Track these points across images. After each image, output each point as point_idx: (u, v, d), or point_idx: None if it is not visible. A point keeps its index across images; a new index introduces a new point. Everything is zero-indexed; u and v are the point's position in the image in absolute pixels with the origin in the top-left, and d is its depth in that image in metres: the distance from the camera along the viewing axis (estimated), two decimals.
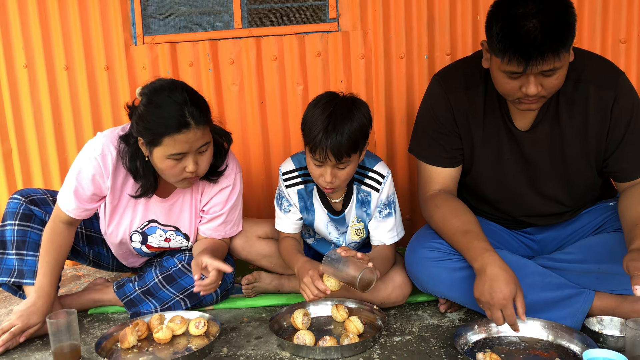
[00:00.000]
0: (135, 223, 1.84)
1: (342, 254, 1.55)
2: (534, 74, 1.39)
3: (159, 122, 1.52)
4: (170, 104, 1.52)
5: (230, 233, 1.91)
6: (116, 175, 1.71)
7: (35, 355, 1.60)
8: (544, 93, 1.43)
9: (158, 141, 1.54)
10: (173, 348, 1.59)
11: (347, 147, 1.59)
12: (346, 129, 1.59)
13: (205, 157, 1.63)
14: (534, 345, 1.48)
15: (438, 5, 2.32)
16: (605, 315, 1.53)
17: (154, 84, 1.58)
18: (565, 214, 1.74)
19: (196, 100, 1.56)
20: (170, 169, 1.59)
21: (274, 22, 2.43)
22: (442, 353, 1.48)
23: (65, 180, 1.76)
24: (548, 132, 1.59)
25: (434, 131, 1.69)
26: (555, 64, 1.35)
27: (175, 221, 1.85)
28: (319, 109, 1.63)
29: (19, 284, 1.77)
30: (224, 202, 1.84)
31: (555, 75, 1.40)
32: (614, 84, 1.53)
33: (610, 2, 2.26)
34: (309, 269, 1.63)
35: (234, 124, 2.45)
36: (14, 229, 1.79)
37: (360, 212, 1.84)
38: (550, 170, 1.64)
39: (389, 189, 1.79)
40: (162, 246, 1.91)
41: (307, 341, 1.51)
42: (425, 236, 1.72)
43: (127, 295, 1.83)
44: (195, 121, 1.53)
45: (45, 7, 2.39)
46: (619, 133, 1.55)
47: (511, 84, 1.44)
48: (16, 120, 2.46)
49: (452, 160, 1.70)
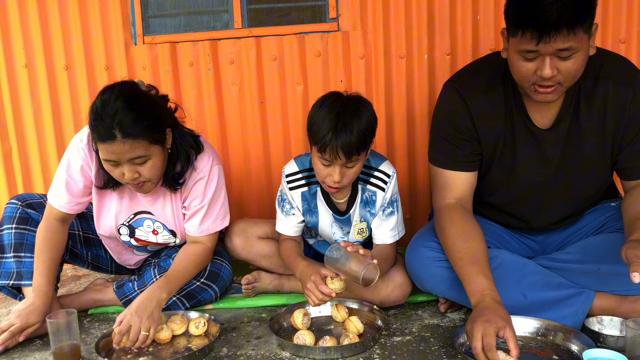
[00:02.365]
0: (122, 216, 1.84)
1: (348, 248, 1.54)
2: (549, 55, 1.34)
3: (92, 127, 1.53)
4: (102, 111, 1.50)
5: (213, 228, 1.85)
6: (97, 169, 1.72)
7: (35, 355, 1.60)
8: (560, 78, 1.38)
9: (95, 143, 1.56)
10: (173, 348, 1.59)
11: (357, 144, 1.59)
12: (355, 126, 1.58)
13: (147, 168, 1.59)
14: (529, 343, 1.48)
15: (438, 5, 2.31)
16: (605, 315, 1.53)
17: (109, 86, 1.57)
18: (569, 218, 1.74)
19: (133, 112, 1.50)
20: (110, 172, 1.61)
21: (274, 22, 2.43)
22: (442, 353, 1.48)
23: (55, 176, 1.76)
24: (567, 130, 1.57)
25: (453, 137, 1.65)
26: (570, 42, 1.30)
27: (159, 217, 1.85)
28: (326, 108, 1.62)
29: (17, 285, 1.77)
30: (201, 195, 1.80)
31: (572, 60, 1.35)
32: (632, 81, 1.51)
33: (610, 2, 2.26)
34: (311, 274, 1.62)
35: (234, 124, 2.46)
36: (11, 233, 1.80)
37: (364, 212, 1.84)
38: (567, 168, 1.62)
39: (393, 188, 1.79)
40: (150, 240, 1.90)
41: (307, 341, 1.51)
42: (425, 236, 1.72)
43: (127, 295, 1.83)
44: (122, 134, 1.49)
45: (45, 7, 2.39)
46: (633, 131, 1.54)
47: (526, 66, 1.40)
48: (16, 120, 2.46)
49: (470, 164, 1.66)
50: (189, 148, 1.75)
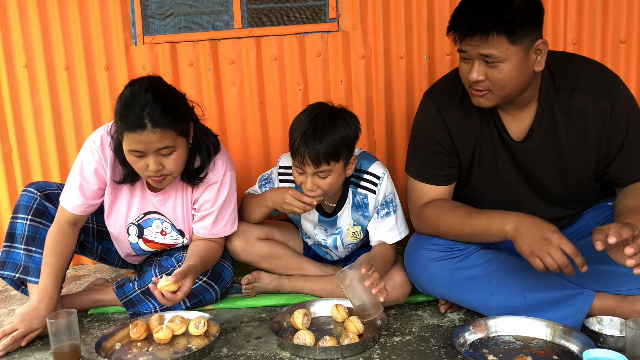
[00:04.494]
0: (132, 215, 1.85)
1: (366, 283, 1.51)
2: (476, 58, 1.43)
3: (120, 117, 1.55)
4: (132, 101, 1.53)
5: (223, 232, 1.89)
6: (115, 166, 1.74)
7: (35, 355, 1.60)
8: (488, 85, 1.45)
9: (122, 134, 1.58)
10: (173, 348, 1.59)
11: (325, 153, 1.59)
12: (326, 135, 1.59)
13: (171, 160, 1.62)
14: (529, 344, 1.48)
15: (438, 5, 2.31)
16: (605, 315, 1.53)
17: (137, 79, 1.61)
18: (564, 219, 1.74)
19: (162, 103, 1.55)
20: (134, 164, 1.62)
21: (274, 22, 2.43)
22: (442, 353, 1.48)
23: (68, 179, 1.77)
24: (542, 142, 1.58)
25: (430, 150, 1.68)
26: (490, 49, 1.39)
27: (169, 216, 1.86)
28: (304, 114, 1.67)
29: (23, 280, 1.77)
30: (213, 199, 1.82)
31: (498, 69, 1.42)
32: (610, 92, 1.51)
33: (610, 2, 2.26)
34: (285, 191, 1.71)
35: (234, 124, 2.46)
36: (25, 224, 1.79)
37: (357, 215, 1.84)
38: (547, 178, 1.63)
39: (385, 189, 1.79)
40: (157, 240, 1.91)
41: (307, 341, 1.51)
42: (422, 237, 1.71)
43: (127, 295, 1.83)
44: (152, 123, 1.52)
45: (45, 7, 2.39)
46: (618, 141, 1.54)
47: (463, 67, 1.49)
48: (16, 120, 2.46)
49: (448, 178, 1.69)
50: (209, 144, 1.78)
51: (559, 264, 1.33)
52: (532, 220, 1.41)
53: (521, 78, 1.44)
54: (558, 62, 1.57)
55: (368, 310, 1.54)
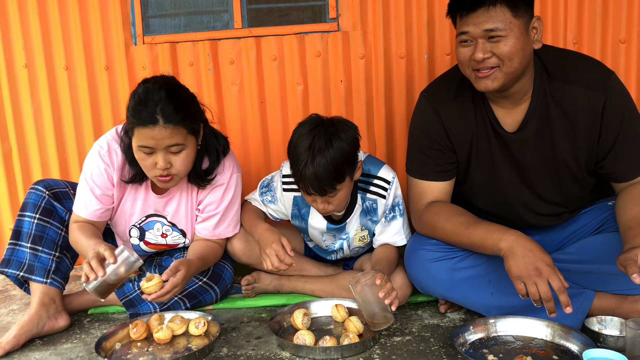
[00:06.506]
0: (134, 217, 1.85)
1: (380, 294, 1.49)
2: (480, 37, 1.44)
3: (133, 112, 1.57)
4: (146, 97, 1.55)
5: (225, 234, 1.90)
6: (122, 169, 1.76)
7: (35, 355, 1.60)
8: (495, 61, 1.46)
9: (132, 130, 1.59)
10: (173, 348, 1.59)
11: (329, 180, 1.58)
12: (323, 163, 1.55)
13: (180, 159, 1.63)
14: (529, 344, 1.48)
15: (438, 5, 2.32)
16: (605, 315, 1.53)
17: (151, 77, 1.64)
18: (563, 215, 1.74)
19: (175, 101, 1.57)
20: (141, 161, 1.63)
21: (274, 22, 2.43)
22: (442, 353, 1.48)
23: (77, 190, 1.78)
24: (535, 132, 1.59)
25: (427, 148, 1.69)
26: (496, 22, 1.41)
27: (172, 217, 1.86)
28: (302, 140, 1.60)
29: (27, 279, 1.77)
30: (218, 201, 1.84)
31: (503, 42, 1.43)
32: (604, 86, 1.51)
33: (610, 2, 2.26)
34: (272, 241, 1.67)
35: (234, 124, 2.46)
36: (32, 222, 1.78)
37: (365, 220, 1.83)
38: (541, 170, 1.63)
39: (394, 193, 1.79)
40: (159, 242, 1.91)
41: (307, 341, 1.51)
42: (422, 238, 1.72)
43: (127, 295, 1.83)
44: (164, 119, 1.54)
45: (45, 7, 2.39)
46: (612, 135, 1.54)
47: (464, 52, 1.50)
48: (16, 120, 2.46)
49: (446, 174, 1.70)
50: (219, 146, 1.80)
51: (542, 297, 1.32)
52: (530, 245, 1.39)
53: (524, 53, 1.46)
54: (554, 56, 1.59)
55: (379, 320, 1.53)
